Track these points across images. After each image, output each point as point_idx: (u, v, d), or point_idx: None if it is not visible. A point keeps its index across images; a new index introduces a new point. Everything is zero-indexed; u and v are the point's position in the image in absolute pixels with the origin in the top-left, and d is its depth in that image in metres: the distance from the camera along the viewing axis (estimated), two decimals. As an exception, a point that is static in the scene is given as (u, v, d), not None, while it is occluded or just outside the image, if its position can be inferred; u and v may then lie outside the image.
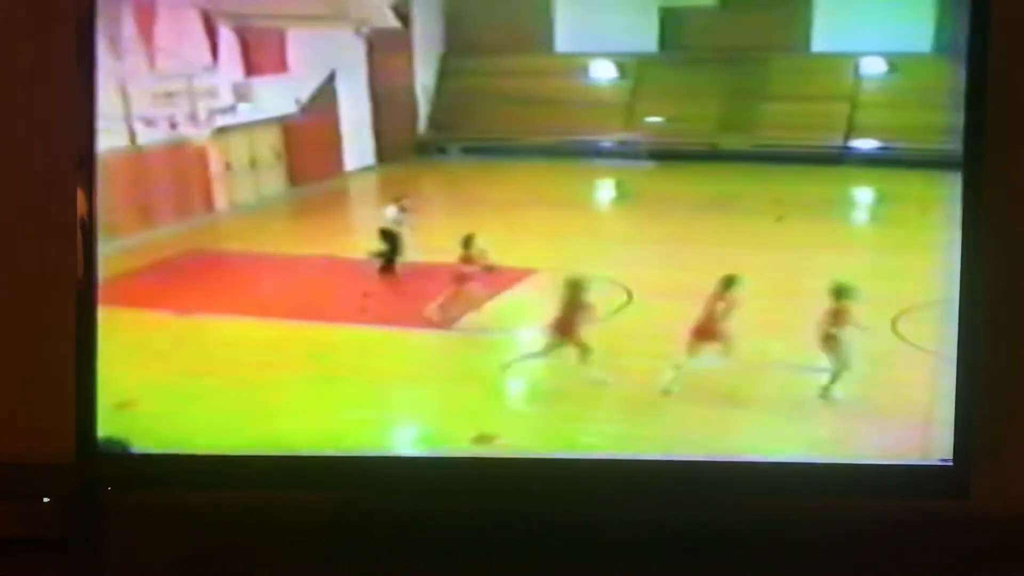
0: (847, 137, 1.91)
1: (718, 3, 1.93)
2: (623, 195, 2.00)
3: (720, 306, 1.80)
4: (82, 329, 1.74)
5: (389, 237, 1.96)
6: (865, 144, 1.87)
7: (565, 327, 1.82)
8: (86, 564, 1.78)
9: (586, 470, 1.74)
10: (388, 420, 1.81)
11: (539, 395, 1.87)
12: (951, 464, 1.72)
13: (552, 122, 1.97)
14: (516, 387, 1.85)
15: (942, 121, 1.70)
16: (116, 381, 1.75)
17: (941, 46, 1.77)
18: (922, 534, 1.82)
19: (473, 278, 1.92)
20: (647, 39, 2.03)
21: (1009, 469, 1.87)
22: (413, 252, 1.97)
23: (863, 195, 2.01)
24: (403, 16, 1.94)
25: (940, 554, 1.80)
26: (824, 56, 1.92)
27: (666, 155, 1.93)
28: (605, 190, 2.02)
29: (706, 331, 1.81)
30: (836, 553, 1.79)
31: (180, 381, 1.80)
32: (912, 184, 1.81)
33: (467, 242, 1.85)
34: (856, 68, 1.92)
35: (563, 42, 1.95)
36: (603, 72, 2.03)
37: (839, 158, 1.90)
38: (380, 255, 1.96)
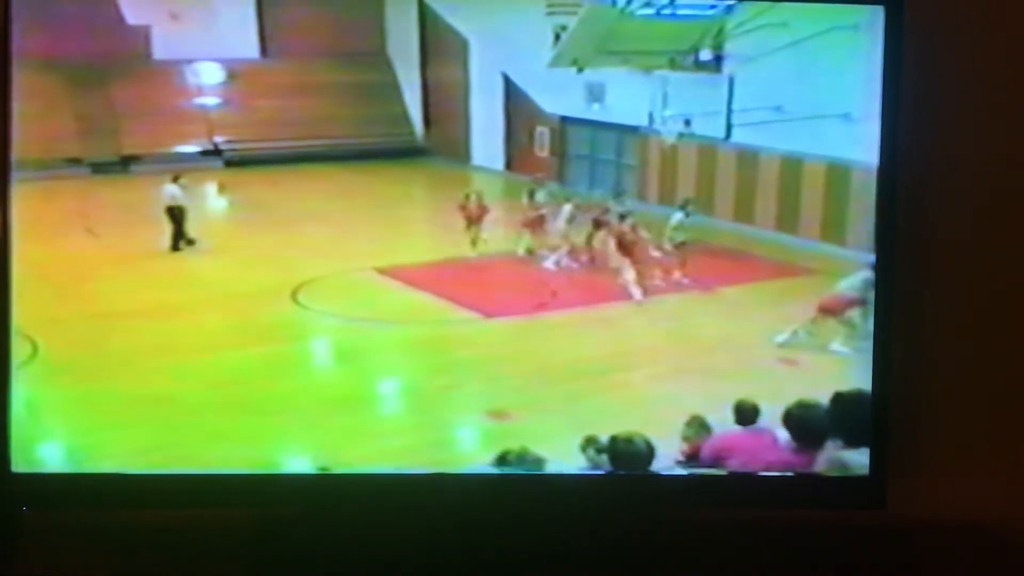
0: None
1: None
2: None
3: None
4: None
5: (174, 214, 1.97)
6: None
7: None
8: (1, 585, 1.74)
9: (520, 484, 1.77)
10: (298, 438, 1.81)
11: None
12: (868, 475, 1.76)
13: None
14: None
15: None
16: (31, 401, 1.72)
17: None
18: (840, 544, 1.85)
19: None
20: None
21: (924, 480, 1.92)
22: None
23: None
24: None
25: (857, 564, 1.84)
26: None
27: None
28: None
29: None
30: (755, 564, 1.81)
31: (95, 398, 1.77)
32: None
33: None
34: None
35: None
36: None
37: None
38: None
